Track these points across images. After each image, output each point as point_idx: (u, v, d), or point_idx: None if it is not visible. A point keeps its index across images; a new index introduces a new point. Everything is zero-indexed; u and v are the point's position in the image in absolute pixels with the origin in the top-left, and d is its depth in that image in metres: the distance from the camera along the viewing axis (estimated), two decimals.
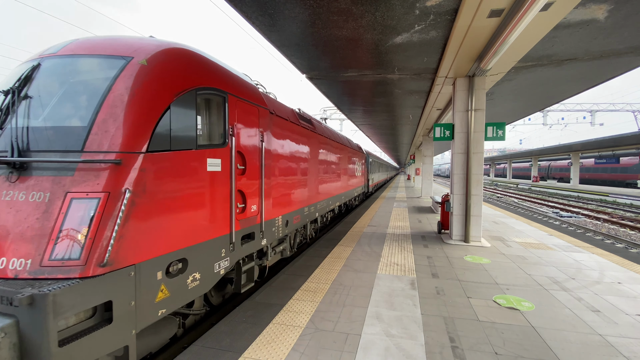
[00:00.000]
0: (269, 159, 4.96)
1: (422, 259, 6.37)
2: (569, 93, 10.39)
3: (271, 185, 5.03)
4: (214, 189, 3.50)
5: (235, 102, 3.94)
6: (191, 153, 3.18)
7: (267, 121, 4.87)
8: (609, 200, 24.56)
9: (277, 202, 5.32)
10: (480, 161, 7.55)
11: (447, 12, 4.78)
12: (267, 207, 4.89)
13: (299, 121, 6.63)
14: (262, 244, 4.77)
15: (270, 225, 5.06)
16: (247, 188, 4.23)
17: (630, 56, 6.73)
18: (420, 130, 18.50)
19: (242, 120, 4.10)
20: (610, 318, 3.87)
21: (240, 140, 4.06)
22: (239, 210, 4.04)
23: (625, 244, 11.70)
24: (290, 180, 5.99)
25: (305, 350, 3.17)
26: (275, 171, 5.25)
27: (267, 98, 5.25)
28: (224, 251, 3.74)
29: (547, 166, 56.15)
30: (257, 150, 4.50)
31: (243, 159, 4.15)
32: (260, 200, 4.59)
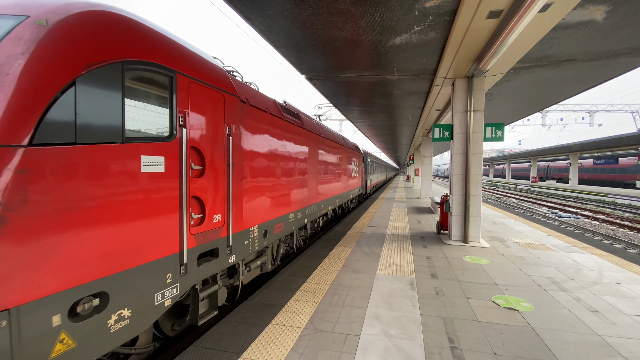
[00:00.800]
0: (240, 158, 4.15)
1: (421, 259, 6.37)
2: (568, 94, 10.41)
3: (243, 189, 4.22)
4: (152, 196, 2.70)
5: (189, 85, 3.17)
6: (113, 148, 2.38)
7: (237, 112, 4.06)
8: (608, 201, 24.61)
9: (252, 209, 4.50)
10: (480, 162, 7.56)
11: (446, 13, 4.79)
12: (238, 215, 4.07)
13: (282, 114, 5.77)
14: (231, 261, 3.95)
15: (242, 237, 4.21)
16: (207, 193, 3.43)
17: (629, 57, 6.75)
18: (420, 130, 18.52)
19: (200, 108, 3.33)
20: (609, 318, 3.88)
21: (197, 133, 3.28)
22: (195, 221, 3.25)
23: (624, 245, 11.72)
24: (271, 182, 5.16)
25: (304, 351, 3.17)
26: (250, 172, 4.45)
27: (238, 84, 4.40)
28: (171, 276, 2.94)
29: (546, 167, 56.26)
30: (222, 147, 3.69)
31: (201, 157, 3.36)
32: (226, 208, 3.77)
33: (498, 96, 10.40)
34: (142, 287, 2.64)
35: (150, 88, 2.82)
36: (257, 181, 4.70)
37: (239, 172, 4.12)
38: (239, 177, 4.13)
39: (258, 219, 4.71)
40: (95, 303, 2.28)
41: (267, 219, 5.06)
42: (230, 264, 3.96)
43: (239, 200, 4.12)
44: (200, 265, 3.39)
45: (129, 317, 2.54)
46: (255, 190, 4.64)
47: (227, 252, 3.86)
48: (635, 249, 11.15)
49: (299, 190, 6.68)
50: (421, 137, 20.44)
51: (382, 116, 14.62)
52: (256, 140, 4.68)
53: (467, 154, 7.53)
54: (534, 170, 49.77)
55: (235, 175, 4.00)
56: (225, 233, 3.80)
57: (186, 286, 3.18)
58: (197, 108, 3.30)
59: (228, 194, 3.81)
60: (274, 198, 5.34)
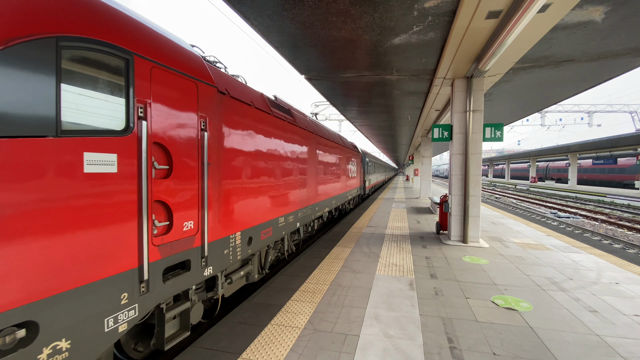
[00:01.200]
0: (218, 156, 3.67)
1: (421, 259, 6.38)
2: (567, 94, 10.43)
3: (223, 191, 3.75)
4: (100, 201, 2.27)
5: (151, 70, 2.72)
6: (44, 143, 1.97)
7: (214, 104, 3.60)
8: (607, 201, 24.66)
9: (234, 213, 4.02)
10: (479, 162, 7.57)
11: (446, 14, 4.79)
12: (215, 222, 3.59)
13: (270, 109, 5.27)
14: (206, 273, 3.49)
15: (221, 246, 3.74)
16: (175, 197, 2.99)
17: (628, 57, 6.76)
18: (419, 131, 18.54)
19: (166, 98, 2.89)
20: (608, 318, 3.88)
21: (161, 126, 2.83)
22: (159, 230, 2.83)
23: (623, 245, 11.73)
24: (256, 184, 4.67)
25: (303, 351, 3.16)
26: (231, 172, 3.97)
27: (217, 73, 3.93)
28: (127, 296, 2.50)
29: (545, 167, 56.35)
30: (195, 143, 3.25)
31: (167, 155, 2.92)
32: (201, 214, 3.33)
33: (497, 96, 10.42)
34: (86, 312, 2.19)
35: (98, 72, 2.34)
36: (240, 182, 4.22)
37: (216, 173, 3.64)
38: (217, 178, 3.66)
39: (241, 224, 4.24)
40: (19, 335, 1.86)
41: (252, 225, 4.57)
42: (206, 277, 3.50)
43: (216, 204, 3.64)
44: (167, 280, 2.94)
45: (67, 349, 2.10)
46: (238, 192, 4.16)
47: (202, 263, 3.39)
48: (634, 249, 11.16)
49: (291, 192, 6.17)
50: (420, 137, 20.45)
51: (381, 116, 14.62)
52: (239, 136, 4.18)
53: (466, 154, 7.53)
54: (533, 170, 49.85)
55: (211, 176, 3.53)
56: (199, 242, 3.32)
57: (148, 306, 2.73)
58: (161, 98, 2.84)
59: (202, 198, 3.34)
60: (261, 201, 4.85)
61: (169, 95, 2.95)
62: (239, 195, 4.20)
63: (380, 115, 14.39)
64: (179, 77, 3.08)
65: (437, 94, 9.50)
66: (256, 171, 4.70)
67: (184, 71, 3.17)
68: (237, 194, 4.16)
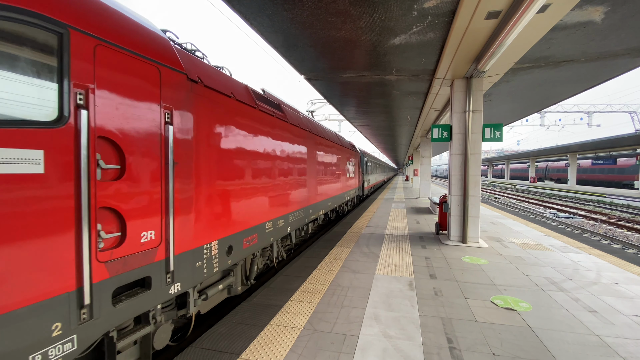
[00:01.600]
0: (187, 153, 3.18)
1: (420, 259, 6.38)
2: (566, 94, 10.44)
3: (194, 195, 3.25)
4: (19, 209, 1.85)
5: (95, 49, 2.25)
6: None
7: (183, 93, 3.12)
8: (606, 201, 24.68)
9: (209, 220, 3.53)
10: (478, 162, 7.57)
11: (445, 14, 4.80)
12: (184, 230, 3.09)
13: (256, 103, 4.76)
14: (173, 291, 3.00)
15: (193, 258, 3.24)
16: (130, 202, 2.53)
17: (627, 58, 6.77)
18: (419, 131, 18.54)
19: (116, 83, 2.42)
20: (607, 319, 3.88)
21: (110, 117, 2.36)
22: (108, 243, 2.37)
23: (622, 245, 11.75)
24: (237, 186, 4.15)
25: (303, 351, 3.16)
26: (205, 173, 3.47)
27: (188, 59, 3.44)
28: (60, 326, 2.06)
29: (545, 167, 56.40)
30: (155, 139, 2.77)
31: (118, 152, 2.46)
32: (165, 222, 2.86)
33: (497, 97, 10.42)
34: (2, 350, 1.80)
35: (18, 49, 1.90)
36: (217, 185, 3.70)
37: (186, 173, 3.15)
38: (187, 179, 3.17)
39: (218, 232, 3.73)
40: None
41: (233, 232, 4.05)
42: (172, 295, 3.00)
43: (186, 209, 3.15)
44: (120, 303, 2.46)
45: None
46: (214, 196, 3.66)
47: (167, 279, 2.91)
48: (633, 249, 11.17)
49: (280, 195, 5.64)
50: (420, 137, 20.46)
51: (381, 116, 14.63)
52: (215, 131, 3.68)
53: (465, 154, 7.54)
54: (533, 170, 49.91)
55: (179, 177, 3.06)
56: (163, 255, 2.86)
57: (92, 336, 2.27)
58: (110, 83, 2.36)
59: (167, 203, 2.87)
60: (243, 205, 4.33)
61: (122, 80, 2.47)
62: (215, 199, 3.67)
63: (379, 116, 14.39)
64: (135, 59, 2.60)
65: (437, 94, 9.50)
66: (237, 172, 4.16)
67: (142, 53, 2.67)
68: (213, 198, 3.64)
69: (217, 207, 3.75)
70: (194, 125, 3.31)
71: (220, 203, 3.81)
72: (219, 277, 4.22)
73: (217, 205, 3.73)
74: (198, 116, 3.39)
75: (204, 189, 3.48)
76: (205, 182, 3.49)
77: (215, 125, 3.71)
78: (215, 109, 3.70)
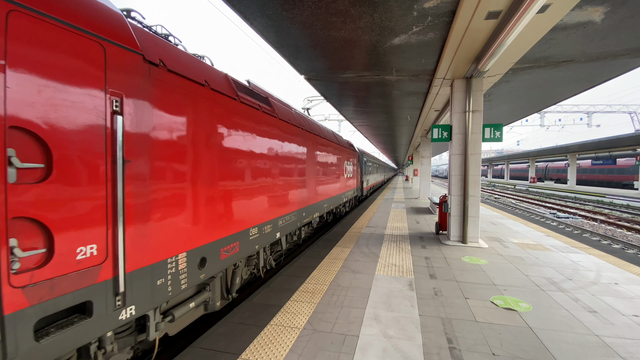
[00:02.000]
0: (144, 150, 2.67)
1: (420, 259, 6.38)
2: (566, 94, 10.44)
3: (154, 199, 2.74)
4: None
5: (7, 16, 1.81)
6: None
7: (137, 78, 2.62)
8: (606, 201, 24.69)
9: (175, 228, 3.01)
10: (478, 162, 7.57)
11: (445, 14, 4.80)
12: (140, 241, 2.60)
13: (237, 94, 4.23)
14: (125, 316, 2.50)
15: (152, 274, 2.73)
16: (60, 210, 2.06)
17: (627, 58, 6.77)
18: (418, 131, 18.55)
19: (40, 61, 1.96)
20: (607, 319, 3.88)
21: (29, 104, 1.92)
22: (25, 263, 1.90)
23: (622, 245, 11.75)
24: (213, 188, 3.61)
25: (303, 351, 3.16)
26: (170, 173, 2.95)
27: (147, 37, 2.93)
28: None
29: (545, 167, 56.42)
30: (98, 132, 2.28)
31: (43, 148, 2.01)
32: (112, 232, 2.36)
33: (497, 97, 10.42)
34: None
35: None
36: (185, 186, 3.17)
37: (142, 173, 2.64)
38: (144, 180, 2.65)
39: (187, 242, 3.20)
40: None
41: (207, 241, 3.53)
42: (123, 322, 2.48)
43: (143, 217, 2.64)
44: (48, 337, 1.98)
45: None
46: (181, 200, 3.12)
47: (116, 303, 2.41)
48: (633, 249, 11.18)
49: (267, 197, 5.11)
50: (420, 137, 20.46)
51: (381, 117, 14.63)
52: (183, 125, 3.15)
53: (465, 154, 7.54)
54: (533, 170, 49.93)
55: (134, 178, 2.55)
56: (110, 274, 2.36)
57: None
58: (29, 60, 1.91)
59: (115, 209, 2.37)
60: (220, 210, 3.79)
61: (47, 57, 2.00)
62: (183, 203, 3.15)
63: (379, 116, 14.40)
64: (69, 32, 2.11)
65: (437, 94, 9.50)
66: (211, 171, 3.63)
67: (79, 25, 2.18)
68: (180, 202, 3.12)
69: (186, 213, 3.20)
70: (155, 116, 2.79)
71: (190, 208, 3.26)
72: (192, 293, 3.67)
73: (185, 211, 3.18)
74: (160, 106, 2.87)
75: (168, 192, 2.95)
76: (169, 183, 2.96)
77: (183, 117, 3.18)
78: (183, 98, 3.18)
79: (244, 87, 4.74)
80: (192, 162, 3.31)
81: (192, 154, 3.31)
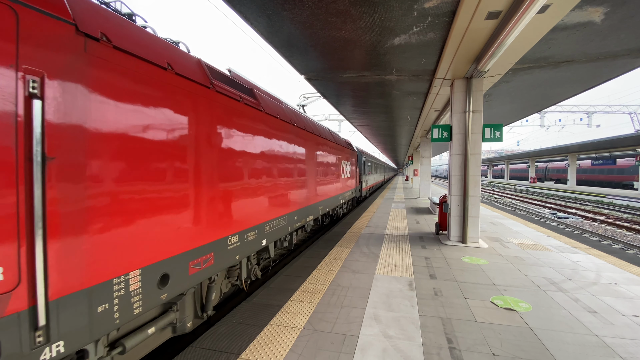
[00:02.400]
0: (79, 144, 2.15)
1: (420, 260, 6.38)
2: (566, 95, 10.45)
3: (90, 205, 2.21)
4: None
5: None
6: None
7: (67, 54, 2.09)
8: (606, 202, 24.69)
9: (124, 239, 2.49)
10: (478, 162, 7.57)
11: (445, 14, 4.80)
12: (72, 259, 2.08)
13: (211, 82, 3.65)
14: (48, 356, 1.97)
15: (92, 299, 2.21)
16: None
17: (627, 58, 6.77)
18: (419, 131, 18.55)
19: None
20: (607, 319, 3.88)
21: None
22: None
23: (622, 245, 11.75)
24: (179, 190, 3.07)
25: (303, 351, 3.16)
26: (118, 172, 2.42)
27: (87, 5, 2.41)
28: None
29: (545, 167, 56.44)
30: (6, 121, 1.80)
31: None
32: (27, 249, 1.86)
33: (497, 97, 10.43)
34: None
35: None
36: (138, 190, 2.62)
37: (73, 173, 2.11)
38: (75, 182, 2.12)
39: (143, 256, 2.66)
40: None
41: (171, 254, 2.96)
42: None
43: (74, 228, 2.11)
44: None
45: None
46: (132, 206, 2.57)
47: (36, 340, 1.90)
48: (633, 250, 11.18)
49: (250, 200, 4.51)
50: (420, 137, 20.47)
51: (381, 117, 14.63)
52: (137, 115, 2.61)
53: (465, 154, 7.54)
54: (532, 171, 49.95)
55: (61, 180, 2.03)
56: (25, 303, 1.85)
57: None
58: None
59: (32, 220, 1.86)
60: (187, 216, 3.18)
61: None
62: (134, 210, 2.58)
63: (379, 116, 14.40)
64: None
65: (437, 94, 9.51)
66: (176, 172, 3.06)
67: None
68: (130, 209, 2.55)
69: (139, 221, 2.63)
70: (94, 103, 2.26)
71: (144, 216, 2.69)
72: (155, 314, 3.11)
73: (138, 220, 2.62)
74: (102, 90, 2.33)
75: (114, 197, 2.40)
76: (116, 186, 2.42)
77: (136, 106, 2.62)
78: (135, 82, 2.61)
79: (222, 75, 4.16)
80: (148, 159, 2.74)
81: (147, 150, 2.72)
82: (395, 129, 18.73)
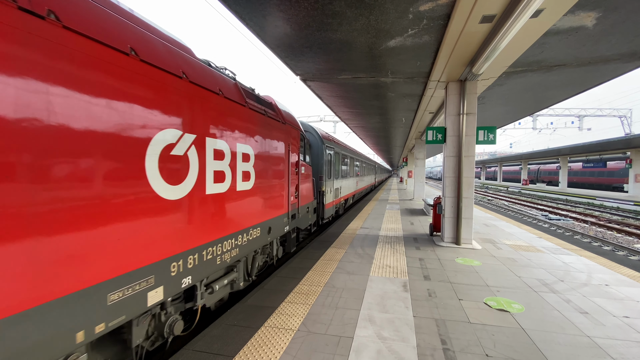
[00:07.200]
0: None
1: (414, 261, 6.40)
2: (558, 98, 10.59)
3: None
4: None
5: None
6: None
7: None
8: (597, 204, 25.06)
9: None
10: (472, 164, 7.63)
11: (440, 17, 4.83)
12: None
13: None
14: None
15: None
16: None
17: (618, 63, 6.89)
18: (413, 133, 18.65)
19: None
20: (598, 320, 3.93)
21: None
22: None
23: (612, 247, 11.93)
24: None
25: (297, 353, 3.15)
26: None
27: None
28: None
29: (537, 170, 57.12)
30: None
31: None
32: None
33: (490, 100, 10.53)
34: None
35: None
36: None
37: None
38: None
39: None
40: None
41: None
42: None
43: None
44: None
45: None
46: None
47: None
48: (623, 251, 11.35)
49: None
50: (414, 139, 20.58)
51: (375, 118, 14.68)
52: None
53: (459, 156, 7.59)
54: (525, 173, 50.52)
55: None
56: None
57: None
58: None
59: None
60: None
61: None
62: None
63: (374, 117, 14.45)
64: None
65: (431, 96, 9.57)
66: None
67: None
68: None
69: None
70: None
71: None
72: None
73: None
74: None
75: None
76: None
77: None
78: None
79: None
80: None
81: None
82: (390, 130, 18.80)
